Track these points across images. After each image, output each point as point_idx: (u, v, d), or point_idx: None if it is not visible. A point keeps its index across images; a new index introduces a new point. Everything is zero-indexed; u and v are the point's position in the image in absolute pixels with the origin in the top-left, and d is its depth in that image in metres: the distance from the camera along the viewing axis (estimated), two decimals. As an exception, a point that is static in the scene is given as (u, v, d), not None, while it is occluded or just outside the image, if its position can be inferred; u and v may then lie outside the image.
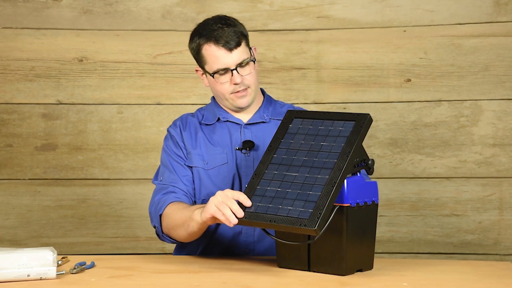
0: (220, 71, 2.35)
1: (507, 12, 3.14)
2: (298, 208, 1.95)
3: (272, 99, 2.52)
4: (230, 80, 2.35)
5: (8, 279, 1.95)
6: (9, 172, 3.24)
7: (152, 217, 2.37)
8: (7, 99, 3.23)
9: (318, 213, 1.91)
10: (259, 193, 2.03)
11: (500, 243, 3.17)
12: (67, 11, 3.23)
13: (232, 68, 2.33)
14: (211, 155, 2.40)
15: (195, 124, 2.46)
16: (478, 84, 3.17)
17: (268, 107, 2.47)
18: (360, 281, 1.97)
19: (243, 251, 2.38)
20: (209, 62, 2.36)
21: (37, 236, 3.24)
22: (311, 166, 2.03)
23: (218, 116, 2.44)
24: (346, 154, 2.00)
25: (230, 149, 2.41)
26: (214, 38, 2.34)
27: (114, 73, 3.25)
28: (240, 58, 2.34)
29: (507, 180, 3.16)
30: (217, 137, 2.42)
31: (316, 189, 1.97)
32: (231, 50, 2.33)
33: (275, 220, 1.95)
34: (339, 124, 2.08)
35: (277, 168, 2.07)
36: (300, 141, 2.10)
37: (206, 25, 2.38)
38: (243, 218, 1.99)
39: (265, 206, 2.00)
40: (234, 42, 2.33)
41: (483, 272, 2.10)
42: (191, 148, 2.42)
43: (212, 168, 2.39)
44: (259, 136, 2.41)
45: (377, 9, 3.19)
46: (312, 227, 1.90)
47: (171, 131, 2.46)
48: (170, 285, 1.96)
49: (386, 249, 3.20)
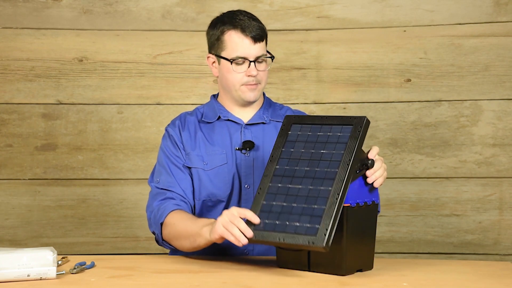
0: (239, 60, 2.36)
1: (507, 12, 3.14)
2: (305, 224, 1.97)
3: (271, 101, 2.52)
4: (245, 71, 2.36)
5: (8, 279, 1.95)
6: (9, 172, 3.24)
7: (151, 223, 2.36)
8: (7, 99, 3.23)
9: (325, 229, 1.93)
10: (265, 209, 2.04)
11: (500, 243, 3.17)
12: (67, 11, 3.23)
13: (251, 59, 2.36)
14: (210, 156, 2.40)
15: (194, 123, 2.46)
16: (478, 84, 3.17)
17: (268, 109, 2.47)
18: (360, 281, 1.97)
19: (243, 251, 2.38)
20: (228, 48, 2.37)
21: (37, 236, 3.24)
22: (314, 177, 2.04)
23: (218, 115, 2.44)
24: (347, 163, 2.00)
25: (229, 149, 2.40)
26: (241, 26, 2.36)
27: (114, 73, 3.25)
28: (260, 52, 2.37)
29: (507, 180, 3.16)
30: (216, 137, 2.42)
31: (321, 202, 1.98)
32: (255, 42, 2.36)
33: (284, 238, 1.97)
34: (337, 129, 2.09)
35: (281, 180, 2.08)
36: (300, 150, 2.10)
37: (232, 15, 2.41)
38: (252, 238, 2.00)
39: (272, 223, 2.01)
40: (258, 36, 2.37)
41: (483, 272, 2.10)
42: (190, 149, 2.41)
43: (212, 169, 2.39)
44: (258, 136, 2.41)
45: (377, 9, 3.19)
46: (320, 245, 1.92)
47: (170, 131, 2.46)
48: (170, 285, 1.96)
49: (386, 249, 3.20)
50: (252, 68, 2.36)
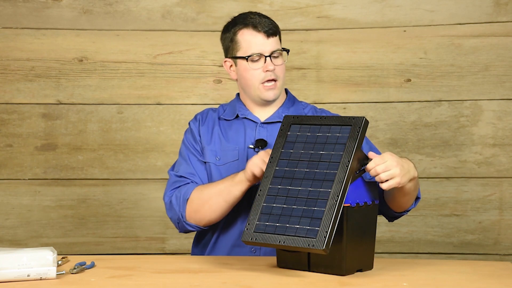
0: (254, 56, 2.37)
1: (507, 12, 3.14)
2: (305, 227, 1.97)
3: (296, 99, 2.52)
4: (262, 67, 2.37)
5: (8, 279, 1.95)
6: (9, 172, 3.24)
7: (171, 206, 2.38)
8: (7, 99, 3.23)
9: (324, 232, 1.93)
10: (265, 211, 2.05)
11: (500, 243, 3.17)
12: (67, 11, 3.23)
13: (267, 54, 2.37)
14: (223, 151, 2.42)
15: (214, 118, 2.49)
16: (478, 84, 3.17)
17: (289, 107, 2.47)
18: (360, 281, 1.97)
19: (250, 250, 2.39)
20: (243, 47, 2.39)
21: (37, 236, 3.24)
22: (313, 178, 2.04)
23: (237, 113, 2.45)
24: (346, 164, 2.01)
25: (243, 146, 2.42)
26: (252, 23, 2.38)
27: (114, 73, 3.25)
28: (275, 47, 2.39)
29: (507, 180, 3.16)
30: (232, 134, 2.45)
31: (320, 204, 1.98)
32: (268, 37, 2.38)
33: (284, 241, 1.98)
34: (336, 129, 2.08)
35: (281, 182, 2.08)
36: (300, 151, 2.10)
37: (243, 15, 2.43)
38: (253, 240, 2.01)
39: (273, 225, 2.02)
40: (271, 31, 2.38)
41: (483, 272, 2.10)
42: (206, 143, 2.44)
43: (224, 164, 2.41)
44: (274, 135, 2.41)
45: (377, 9, 3.19)
46: (320, 247, 1.93)
47: (191, 125, 2.50)
48: (170, 285, 1.96)
49: (386, 249, 3.20)
50: (269, 63, 2.37)
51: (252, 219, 2.04)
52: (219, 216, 2.35)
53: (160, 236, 3.25)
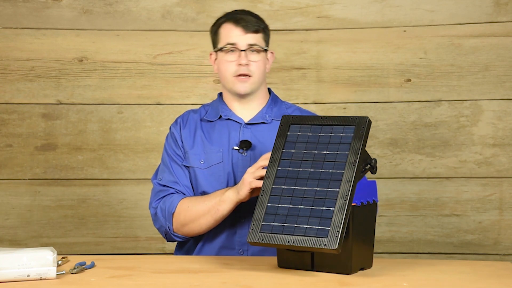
0: (228, 46, 2.39)
1: (507, 12, 3.14)
2: (315, 226, 1.97)
3: (279, 99, 2.52)
4: (236, 60, 2.38)
5: (8, 279, 1.95)
6: (9, 172, 3.24)
7: (157, 218, 2.38)
8: (7, 99, 3.24)
9: (336, 231, 1.93)
10: (270, 211, 2.03)
11: (500, 243, 3.17)
12: (67, 11, 3.23)
13: (242, 48, 2.38)
14: (207, 154, 2.41)
15: (196, 120, 2.47)
16: (478, 84, 3.17)
17: (272, 108, 2.47)
18: (360, 281, 1.97)
19: (237, 251, 2.38)
20: (222, 39, 2.42)
21: (37, 236, 3.24)
22: (319, 178, 2.03)
23: (220, 114, 2.44)
24: (353, 164, 2.00)
25: (227, 148, 2.41)
26: (235, 19, 2.41)
27: (114, 73, 3.25)
28: (251, 42, 2.39)
29: (507, 180, 3.16)
30: (215, 136, 2.43)
31: (329, 203, 1.98)
32: (246, 32, 2.39)
33: (294, 241, 1.97)
34: (339, 129, 2.07)
35: (284, 182, 2.07)
36: (302, 151, 2.09)
37: (232, 12, 2.47)
38: (259, 241, 2.00)
39: (280, 225, 2.00)
40: (252, 28, 2.40)
41: (483, 272, 2.09)
42: (188, 147, 2.42)
43: (208, 167, 2.40)
44: (258, 136, 2.41)
45: (377, 9, 3.19)
46: (333, 247, 1.92)
47: (172, 129, 2.48)
48: (170, 285, 1.96)
49: (386, 249, 3.20)
50: (242, 56, 2.38)
51: (257, 220, 2.03)
52: (207, 230, 2.36)
53: (160, 236, 3.24)
